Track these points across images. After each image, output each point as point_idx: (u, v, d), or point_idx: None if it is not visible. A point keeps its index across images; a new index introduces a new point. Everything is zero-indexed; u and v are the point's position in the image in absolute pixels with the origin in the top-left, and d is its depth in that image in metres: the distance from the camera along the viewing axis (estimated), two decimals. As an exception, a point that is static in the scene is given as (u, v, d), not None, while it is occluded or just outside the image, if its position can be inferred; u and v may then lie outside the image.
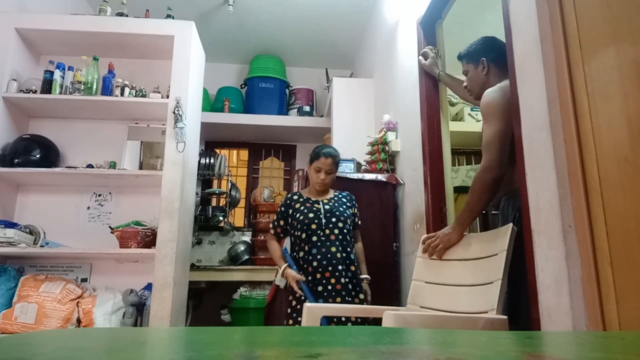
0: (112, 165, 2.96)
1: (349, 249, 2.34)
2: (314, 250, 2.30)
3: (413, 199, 2.66)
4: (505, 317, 1.39)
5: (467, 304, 1.57)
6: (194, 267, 3.70)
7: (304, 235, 2.35)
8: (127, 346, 0.39)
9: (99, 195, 3.10)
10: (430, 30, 2.65)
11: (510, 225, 1.56)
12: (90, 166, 2.94)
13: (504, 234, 1.56)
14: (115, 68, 3.08)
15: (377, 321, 1.38)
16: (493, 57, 1.89)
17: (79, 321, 2.56)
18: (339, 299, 2.23)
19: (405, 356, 0.37)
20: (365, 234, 2.71)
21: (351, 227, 2.40)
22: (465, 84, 2.04)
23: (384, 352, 0.37)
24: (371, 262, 2.55)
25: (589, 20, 1.25)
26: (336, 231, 2.32)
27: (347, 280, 2.26)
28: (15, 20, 2.95)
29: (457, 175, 3.74)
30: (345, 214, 2.39)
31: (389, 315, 1.34)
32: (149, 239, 2.78)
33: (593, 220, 1.19)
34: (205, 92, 4.08)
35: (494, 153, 1.67)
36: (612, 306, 1.11)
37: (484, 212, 3.92)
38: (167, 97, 2.98)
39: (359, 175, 2.91)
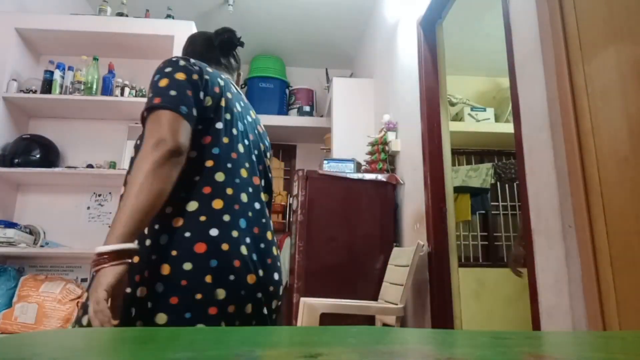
0: (112, 165, 2.96)
1: None
2: None
3: (413, 199, 2.66)
4: (397, 306, 1.94)
5: (392, 296, 2.31)
6: (194, 267, 3.68)
7: None
8: (127, 346, 0.39)
9: (99, 195, 3.10)
10: (430, 30, 2.65)
11: (417, 242, 2.08)
12: (90, 166, 2.94)
13: (411, 251, 2.29)
14: (115, 68, 3.08)
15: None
16: None
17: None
18: None
19: (405, 356, 0.37)
20: (365, 233, 2.72)
21: None
22: None
23: (384, 352, 0.37)
24: (371, 261, 2.55)
25: (589, 20, 1.25)
26: None
27: None
28: (15, 20, 2.94)
29: (457, 175, 3.74)
30: None
31: (302, 301, 2.15)
32: (149, 239, 2.78)
33: (593, 220, 1.19)
34: (205, 92, 4.07)
35: None
36: (612, 306, 1.11)
37: (484, 211, 3.95)
38: (167, 97, 2.97)
39: (359, 175, 2.91)
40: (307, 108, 4.65)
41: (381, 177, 2.90)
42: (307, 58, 4.87)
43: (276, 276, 1.16)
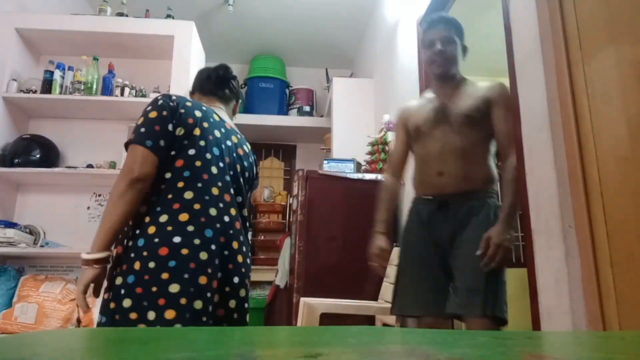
0: (112, 165, 2.96)
1: None
2: None
3: (413, 199, 2.66)
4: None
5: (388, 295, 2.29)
6: (194, 267, 3.69)
7: None
8: (128, 346, 0.39)
9: (99, 195, 3.10)
10: (430, 30, 2.65)
11: None
12: (90, 166, 2.94)
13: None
14: (115, 68, 3.08)
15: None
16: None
17: (79, 321, 2.56)
18: None
19: (405, 356, 0.37)
20: (365, 233, 2.71)
21: None
22: (440, 47, 1.73)
23: (384, 352, 0.37)
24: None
25: (589, 20, 1.25)
26: None
27: None
28: (15, 20, 2.95)
29: (457, 175, 3.74)
30: None
31: (302, 301, 2.17)
32: (149, 239, 2.78)
33: (593, 220, 1.19)
34: (205, 92, 4.07)
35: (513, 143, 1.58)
36: (612, 306, 1.11)
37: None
38: (167, 97, 2.98)
39: (359, 175, 2.91)
40: (307, 108, 4.66)
41: (381, 177, 2.89)
42: (307, 58, 4.87)
43: (236, 279, 1.38)
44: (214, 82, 1.65)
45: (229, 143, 1.50)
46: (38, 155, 2.85)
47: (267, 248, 4.18)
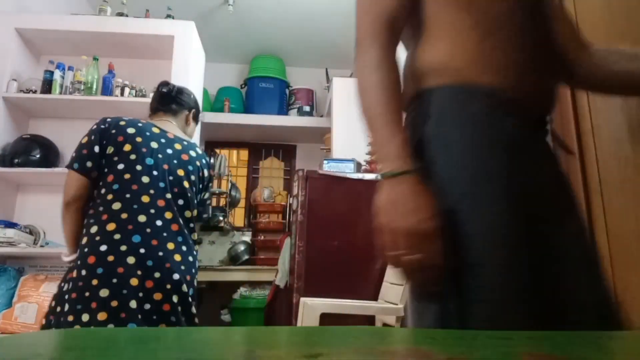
0: (112, 165, 2.96)
1: None
2: None
3: (413, 199, 2.65)
4: (397, 306, 1.78)
5: (392, 296, 2.24)
6: (194, 267, 3.69)
7: None
8: (127, 346, 0.39)
9: (99, 195, 3.09)
10: (430, 30, 2.65)
11: None
12: (90, 166, 2.94)
13: None
14: (115, 68, 3.08)
15: None
16: None
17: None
18: None
19: (405, 356, 0.37)
20: (365, 233, 2.71)
21: None
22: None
23: (384, 352, 0.37)
24: (371, 261, 2.55)
25: (589, 20, 1.25)
26: None
27: None
28: (15, 20, 2.94)
29: (457, 175, 3.74)
30: None
31: (302, 301, 2.15)
32: (149, 239, 2.78)
33: (593, 220, 1.19)
34: (205, 92, 4.08)
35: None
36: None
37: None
38: (167, 97, 2.98)
39: (359, 175, 2.91)
40: (307, 108, 4.65)
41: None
42: (307, 58, 4.87)
43: (176, 276, 1.51)
44: (158, 100, 1.87)
45: (169, 151, 1.66)
46: (38, 155, 2.85)
47: (267, 248, 4.18)
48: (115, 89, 2.99)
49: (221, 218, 4.26)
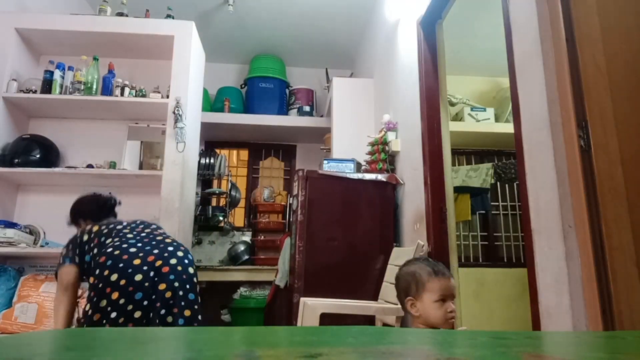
0: (112, 165, 2.96)
1: None
2: None
3: (413, 199, 2.66)
4: (397, 306, 1.69)
5: (392, 296, 2.13)
6: (194, 267, 3.69)
7: None
8: (127, 346, 0.39)
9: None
10: (430, 30, 2.65)
11: (417, 242, 1.99)
12: (90, 166, 2.94)
13: (411, 251, 2.27)
14: (115, 68, 3.08)
15: None
16: None
17: (79, 321, 2.56)
18: None
19: (405, 356, 0.37)
20: (365, 233, 2.72)
21: None
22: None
23: (384, 352, 0.37)
24: (371, 261, 2.55)
25: (589, 20, 1.25)
26: None
27: None
28: (15, 20, 2.95)
29: (457, 175, 3.74)
30: None
31: (302, 301, 2.19)
32: (149, 239, 2.78)
33: (593, 220, 1.18)
34: (205, 92, 4.08)
35: None
36: (612, 306, 1.11)
37: (484, 211, 3.94)
38: (167, 97, 2.98)
39: (359, 175, 2.91)
40: (307, 108, 4.65)
41: (381, 177, 2.90)
42: (307, 58, 4.87)
43: (169, 319, 1.72)
44: (100, 211, 2.22)
45: (141, 226, 2.01)
46: (38, 155, 2.85)
47: (267, 248, 4.18)
48: (115, 89, 2.99)
49: (221, 218, 4.26)
